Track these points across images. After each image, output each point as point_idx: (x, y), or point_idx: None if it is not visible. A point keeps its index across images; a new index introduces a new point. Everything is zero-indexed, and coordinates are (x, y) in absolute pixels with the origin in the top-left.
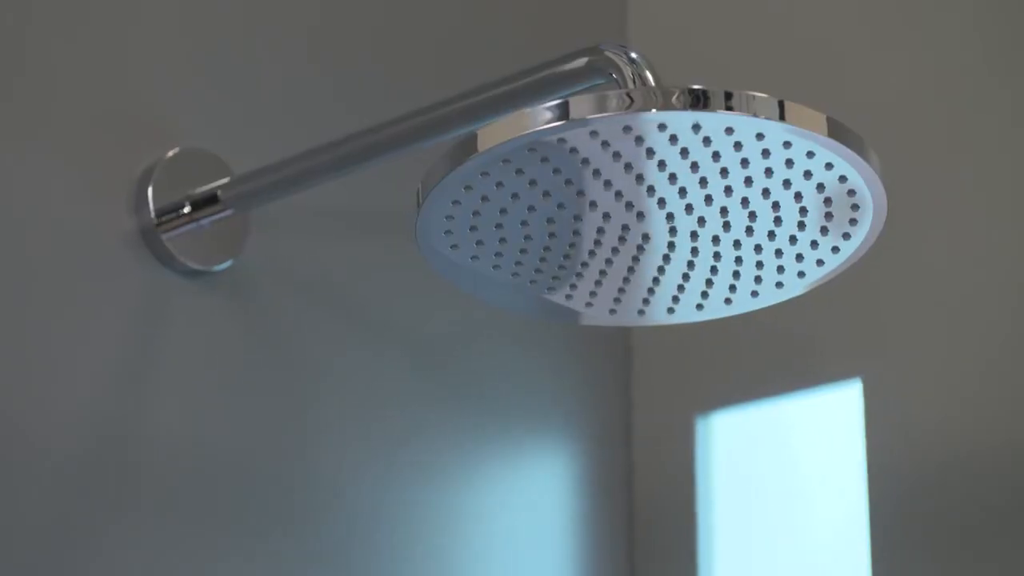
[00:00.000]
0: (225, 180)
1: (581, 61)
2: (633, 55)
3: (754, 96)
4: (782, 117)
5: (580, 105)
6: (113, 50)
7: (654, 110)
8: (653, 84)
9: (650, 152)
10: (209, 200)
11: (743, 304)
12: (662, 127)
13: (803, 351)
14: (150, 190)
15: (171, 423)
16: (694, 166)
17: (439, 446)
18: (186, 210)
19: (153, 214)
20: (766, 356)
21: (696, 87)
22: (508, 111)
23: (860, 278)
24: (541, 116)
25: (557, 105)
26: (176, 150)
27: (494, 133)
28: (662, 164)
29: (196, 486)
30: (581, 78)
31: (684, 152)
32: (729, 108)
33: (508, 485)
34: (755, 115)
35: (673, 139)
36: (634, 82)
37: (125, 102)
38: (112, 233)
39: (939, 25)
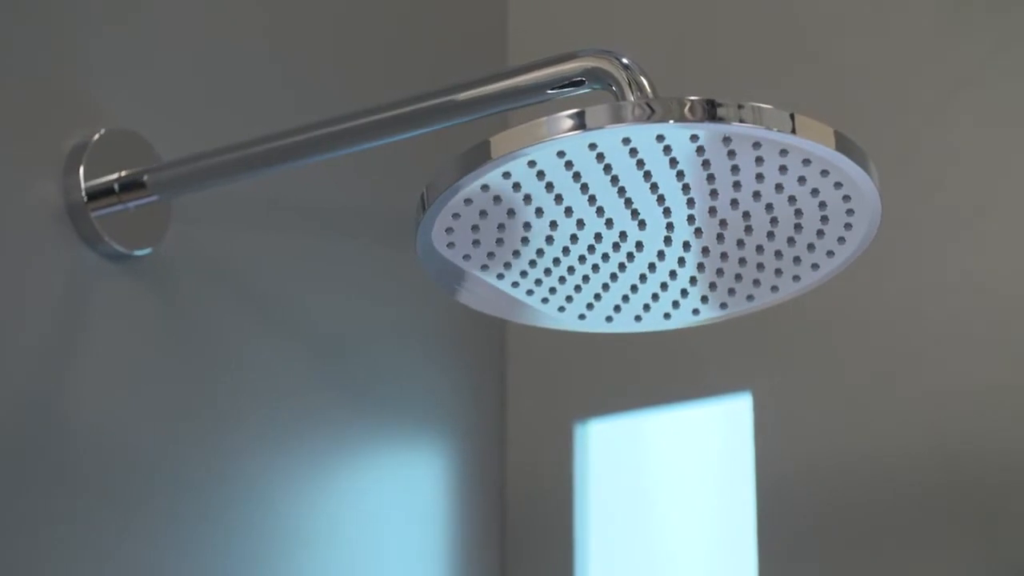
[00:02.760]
0: (151, 165)
1: (575, 66)
2: (625, 61)
3: (764, 108)
4: (793, 130)
5: (597, 115)
6: (50, 26)
7: (671, 121)
8: (651, 92)
9: (673, 162)
10: (135, 184)
11: (709, 313)
12: (694, 138)
13: (694, 363)
14: (81, 169)
15: (78, 405)
16: (711, 178)
17: (323, 438)
18: (115, 191)
19: (83, 192)
20: (655, 366)
21: (700, 98)
22: (481, 113)
23: None
24: (563, 123)
25: (577, 113)
26: (103, 131)
27: (516, 136)
28: (681, 174)
29: (100, 470)
30: (570, 83)
31: (707, 164)
32: (741, 120)
33: (383, 482)
34: (768, 128)
35: (700, 150)
36: (631, 89)
37: (57, 80)
38: (39, 208)
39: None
